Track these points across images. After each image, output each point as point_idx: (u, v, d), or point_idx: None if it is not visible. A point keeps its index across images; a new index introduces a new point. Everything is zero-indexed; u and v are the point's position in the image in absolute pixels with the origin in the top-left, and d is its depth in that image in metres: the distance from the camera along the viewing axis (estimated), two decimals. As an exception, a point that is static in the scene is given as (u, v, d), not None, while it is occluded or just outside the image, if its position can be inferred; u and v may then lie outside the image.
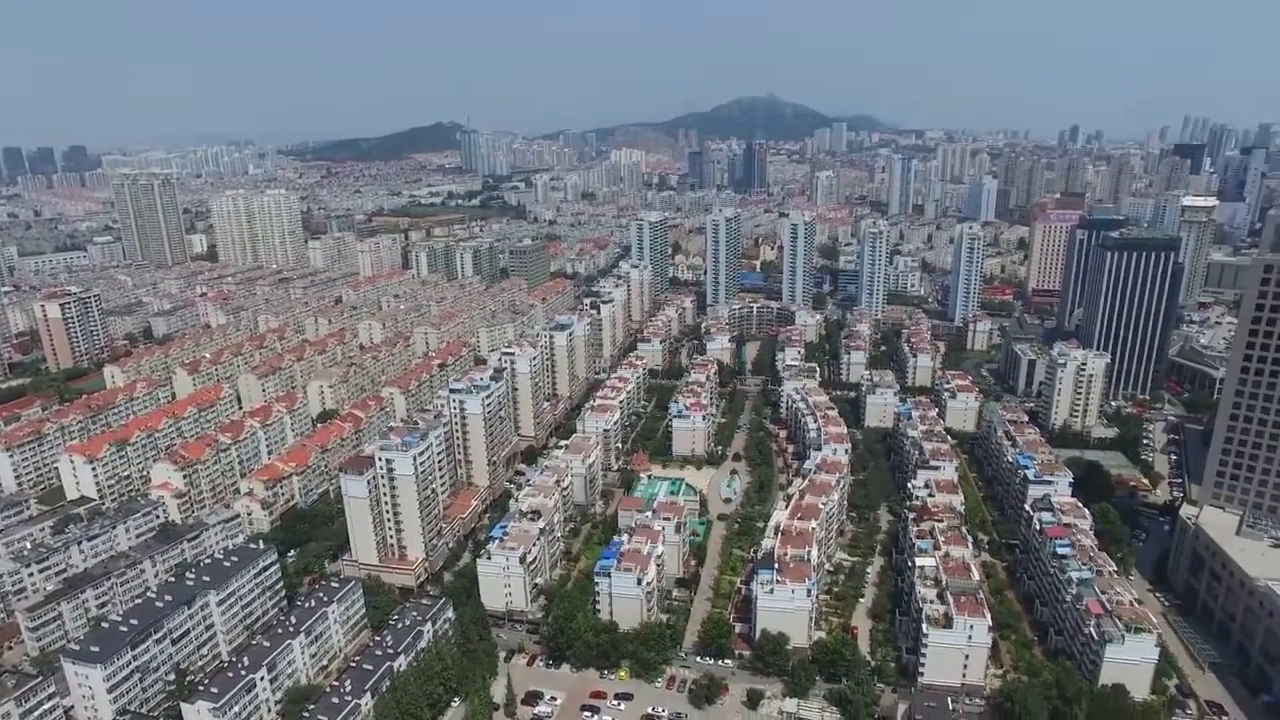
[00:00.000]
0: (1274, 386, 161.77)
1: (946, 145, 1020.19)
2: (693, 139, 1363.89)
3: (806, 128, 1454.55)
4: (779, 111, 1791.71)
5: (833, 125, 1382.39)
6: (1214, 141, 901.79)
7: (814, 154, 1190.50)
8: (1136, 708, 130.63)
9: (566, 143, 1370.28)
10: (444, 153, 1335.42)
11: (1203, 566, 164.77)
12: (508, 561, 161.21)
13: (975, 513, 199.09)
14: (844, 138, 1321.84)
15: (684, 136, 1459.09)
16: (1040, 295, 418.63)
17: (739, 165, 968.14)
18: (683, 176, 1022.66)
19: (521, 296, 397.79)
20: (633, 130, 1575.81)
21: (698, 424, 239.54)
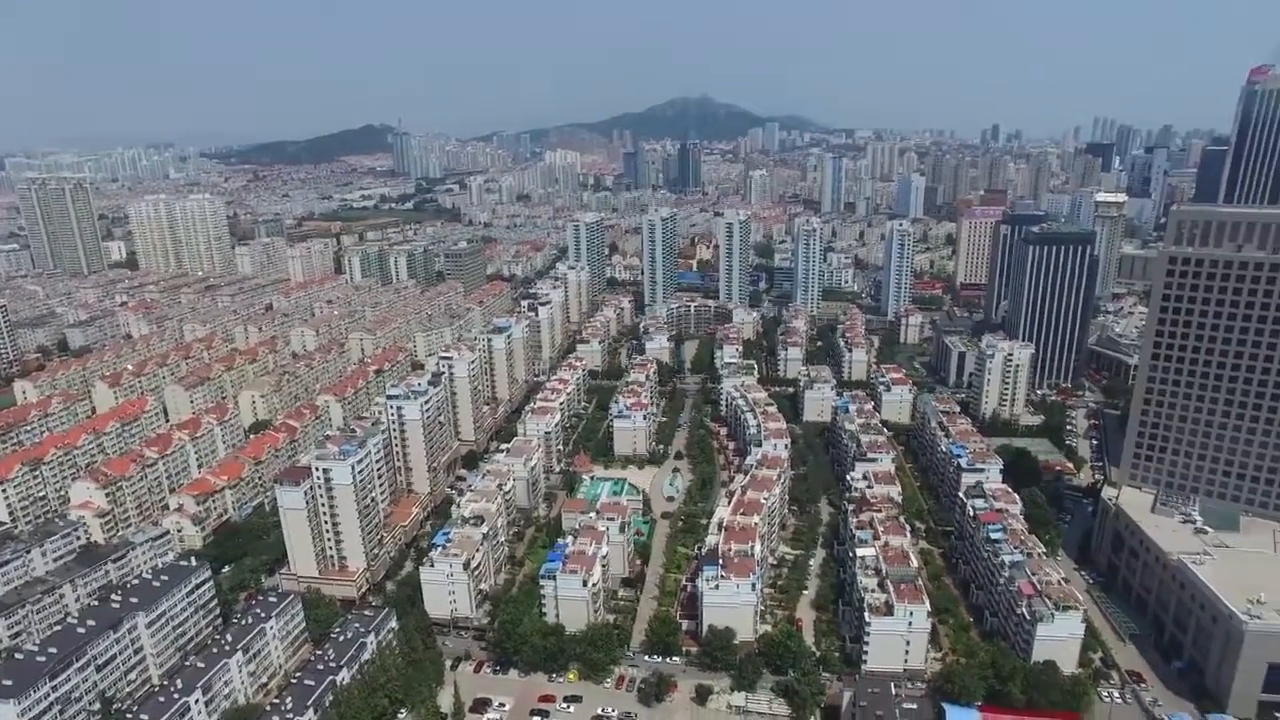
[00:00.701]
0: (1181, 372, 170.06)
1: (876, 144, 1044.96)
2: (628, 139, 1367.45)
3: (740, 128, 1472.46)
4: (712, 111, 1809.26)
5: (765, 125, 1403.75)
6: (1121, 141, 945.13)
7: (747, 154, 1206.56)
8: (1066, 682, 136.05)
9: (501, 144, 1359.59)
10: (375, 155, 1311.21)
11: (1122, 544, 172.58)
12: (451, 568, 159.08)
13: (912, 502, 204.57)
14: (776, 137, 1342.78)
15: (619, 137, 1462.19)
16: (968, 289, 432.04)
17: (674, 165, 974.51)
18: (618, 177, 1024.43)
19: (458, 300, 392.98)
20: (567, 131, 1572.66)
21: (639, 424, 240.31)
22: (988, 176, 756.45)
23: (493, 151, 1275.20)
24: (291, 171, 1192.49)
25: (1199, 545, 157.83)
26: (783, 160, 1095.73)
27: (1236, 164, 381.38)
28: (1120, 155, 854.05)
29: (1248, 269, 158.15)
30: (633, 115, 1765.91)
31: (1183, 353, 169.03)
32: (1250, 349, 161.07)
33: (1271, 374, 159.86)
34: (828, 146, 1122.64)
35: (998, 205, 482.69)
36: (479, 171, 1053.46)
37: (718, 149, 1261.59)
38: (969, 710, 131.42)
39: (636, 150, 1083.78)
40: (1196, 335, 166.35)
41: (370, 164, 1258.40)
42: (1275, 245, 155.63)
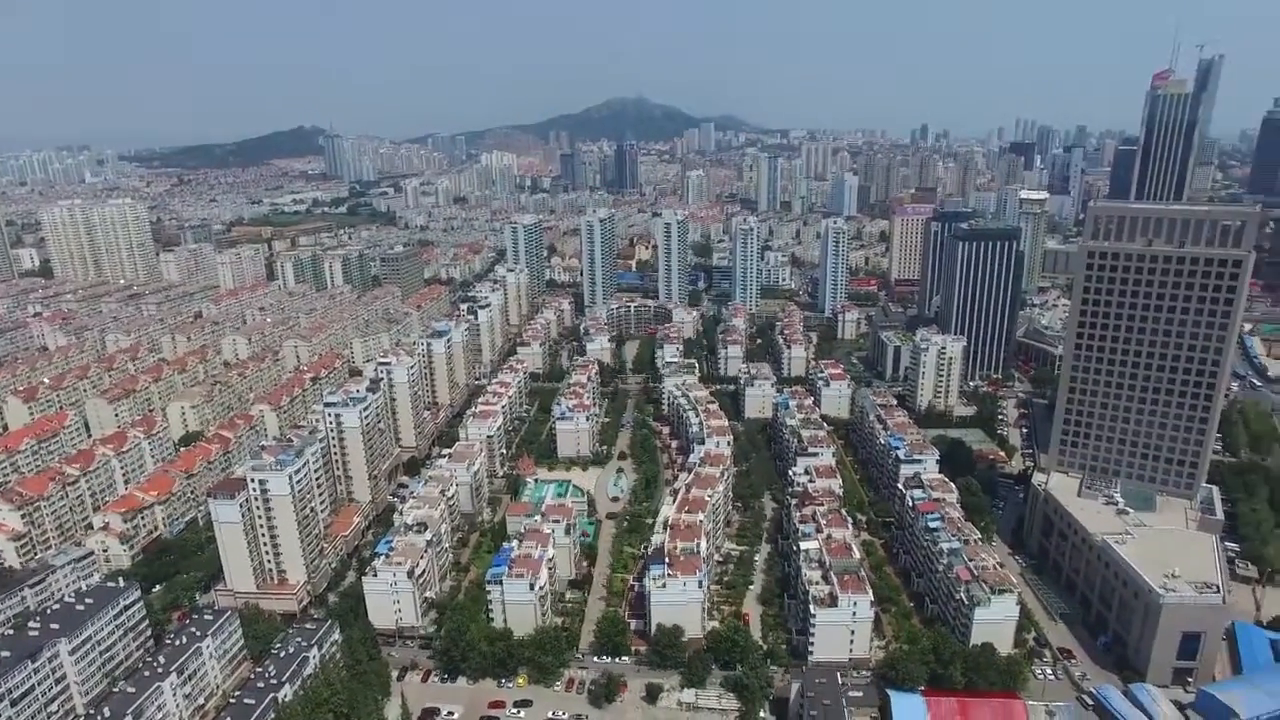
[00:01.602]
0: (1102, 361, 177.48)
1: (810, 144, 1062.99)
2: (564, 141, 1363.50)
3: (676, 128, 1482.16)
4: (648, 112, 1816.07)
5: (701, 126, 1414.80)
6: (1042, 141, 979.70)
7: (684, 154, 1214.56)
8: (1003, 662, 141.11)
9: (436, 146, 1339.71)
10: (306, 158, 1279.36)
11: (1052, 528, 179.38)
12: (395, 577, 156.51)
13: (853, 494, 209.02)
14: (712, 138, 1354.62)
15: (555, 138, 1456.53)
16: (902, 285, 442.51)
17: (611, 166, 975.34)
18: (555, 178, 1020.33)
19: (396, 304, 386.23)
20: (503, 133, 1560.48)
21: (581, 425, 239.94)
22: (918, 175, 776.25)
23: (428, 154, 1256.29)
24: (219, 175, 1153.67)
25: (1121, 526, 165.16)
26: (719, 160, 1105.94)
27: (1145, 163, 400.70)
28: (1041, 154, 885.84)
29: (1158, 262, 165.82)
30: (569, 117, 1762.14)
31: (1102, 343, 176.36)
32: (1162, 338, 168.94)
33: (1181, 361, 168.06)
34: (763, 147, 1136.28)
35: (928, 203, 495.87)
36: (414, 174, 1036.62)
37: (654, 150, 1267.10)
38: (912, 695, 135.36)
39: (573, 152, 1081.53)
40: (1115, 326, 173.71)
41: (301, 167, 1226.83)
42: (1181, 239, 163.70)
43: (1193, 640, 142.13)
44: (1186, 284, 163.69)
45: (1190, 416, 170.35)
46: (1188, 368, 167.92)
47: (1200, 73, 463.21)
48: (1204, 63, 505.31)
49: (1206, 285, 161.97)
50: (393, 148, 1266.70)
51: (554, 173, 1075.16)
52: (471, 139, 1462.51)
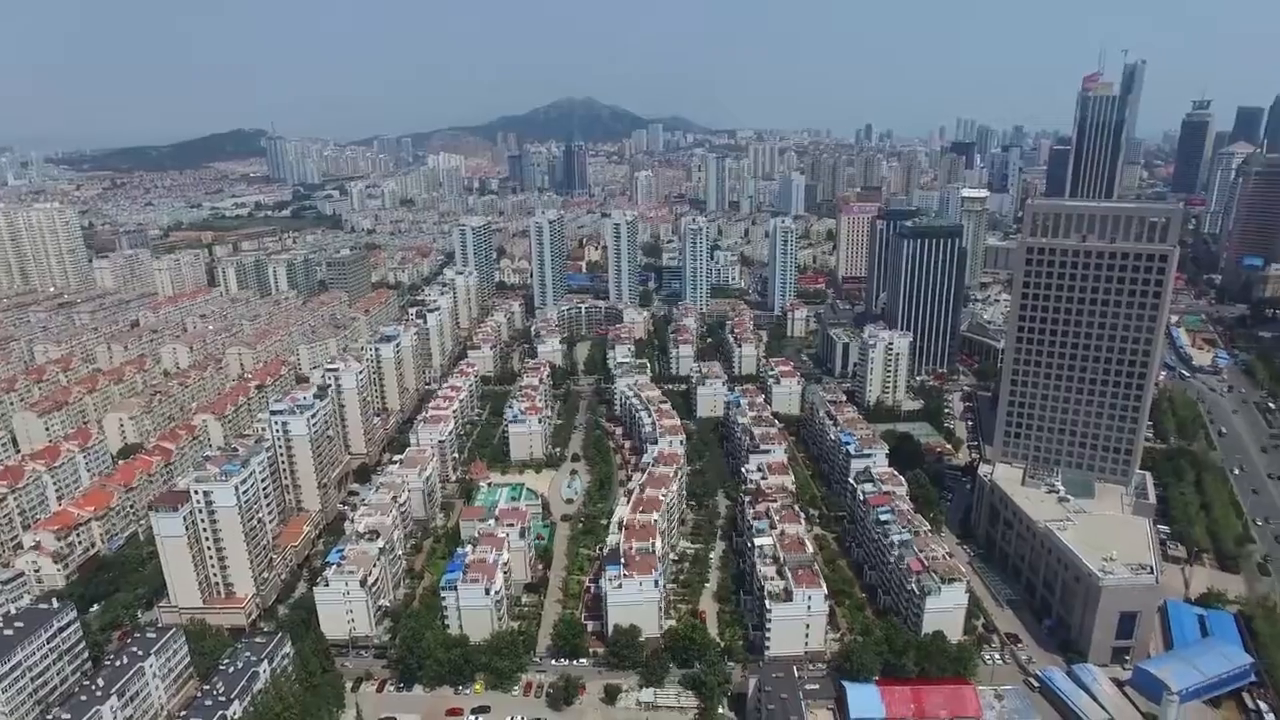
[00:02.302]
0: (1041, 353, 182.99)
1: (757, 144, 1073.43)
2: (512, 142, 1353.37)
3: (624, 129, 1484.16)
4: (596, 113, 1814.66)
5: (649, 126, 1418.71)
6: (981, 140, 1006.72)
7: (632, 155, 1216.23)
8: (953, 650, 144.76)
9: (381, 148, 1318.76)
10: (248, 161, 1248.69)
11: (998, 517, 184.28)
12: (347, 586, 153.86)
13: (805, 490, 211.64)
14: (660, 138, 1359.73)
15: (503, 140, 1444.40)
16: (849, 282, 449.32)
17: (559, 167, 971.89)
18: (504, 180, 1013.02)
19: (343, 309, 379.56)
20: (450, 134, 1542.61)
21: (534, 427, 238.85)
22: (863, 174, 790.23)
23: (373, 156, 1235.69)
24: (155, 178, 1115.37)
25: (1062, 513, 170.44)
26: (667, 161, 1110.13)
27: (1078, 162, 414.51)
28: (981, 154, 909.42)
29: (1091, 257, 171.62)
30: (516, 118, 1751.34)
31: (1042, 336, 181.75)
32: (1096, 330, 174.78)
33: (1114, 353, 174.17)
34: (710, 147, 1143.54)
35: (873, 201, 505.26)
36: (359, 177, 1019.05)
37: (603, 150, 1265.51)
38: (867, 686, 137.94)
39: (521, 153, 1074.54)
40: (1053, 320, 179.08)
41: (242, 170, 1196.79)
42: (1112, 235, 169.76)
43: (1129, 620, 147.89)
44: (1118, 278, 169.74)
45: (1124, 406, 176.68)
46: (1121, 359, 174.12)
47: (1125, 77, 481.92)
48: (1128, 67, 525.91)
49: (1136, 279, 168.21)
50: (337, 150, 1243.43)
51: (502, 174, 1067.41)
52: (418, 140, 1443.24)
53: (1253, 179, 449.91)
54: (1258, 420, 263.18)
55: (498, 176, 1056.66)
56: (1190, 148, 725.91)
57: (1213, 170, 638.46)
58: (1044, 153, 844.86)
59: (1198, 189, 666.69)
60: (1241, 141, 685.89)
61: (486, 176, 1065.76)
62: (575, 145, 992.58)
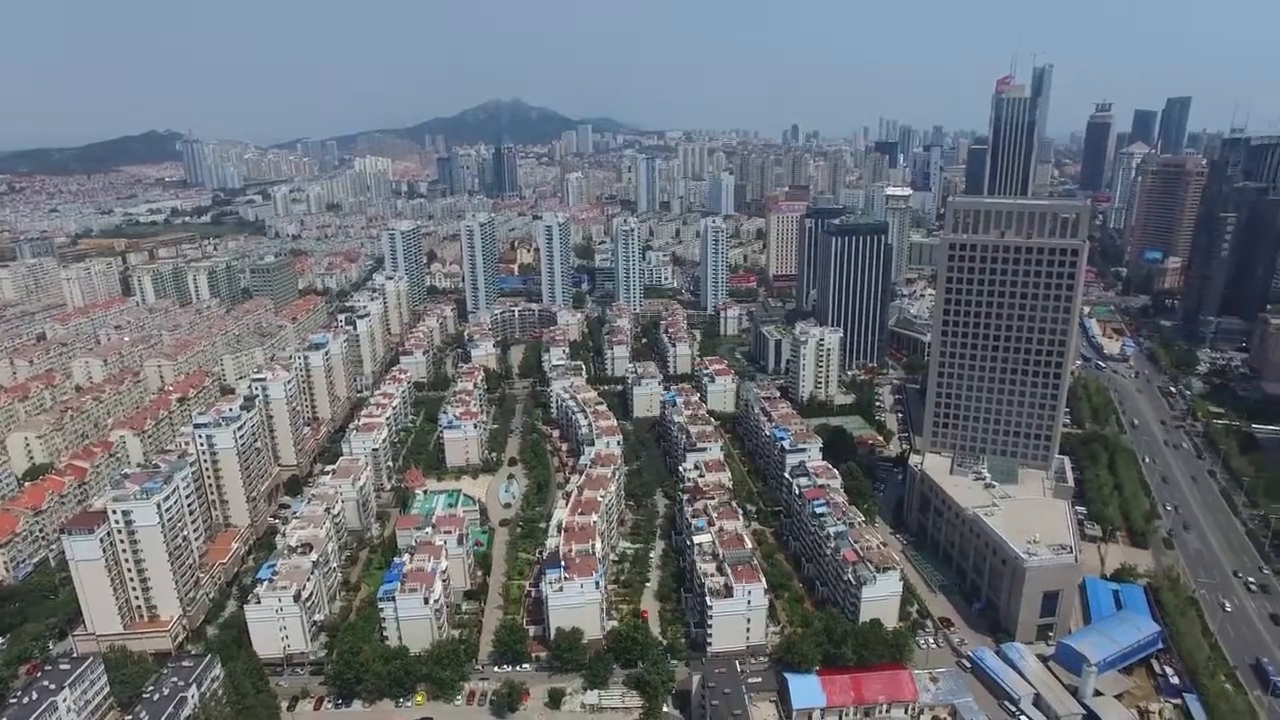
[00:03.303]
0: (965, 345, 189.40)
1: (686, 145, 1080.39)
2: (440, 144, 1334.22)
3: (553, 130, 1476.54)
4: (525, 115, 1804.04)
5: (579, 128, 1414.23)
6: (904, 140, 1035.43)
7: (563, 156, 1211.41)
8: (890, 636, 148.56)
9: (305, 152, 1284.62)
10: (162, 165, 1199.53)
11: (929, 505, 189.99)
12: (280, 602, 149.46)
13: (742, 486, 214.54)
14: (590, 139, 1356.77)
15: (431, 142, 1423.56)
16: (780, 280, 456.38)
17: (489, 170, 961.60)
18: (433, 183, 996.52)
19: (269, 317, 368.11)
20: (376, 137, 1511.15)
21: (469, 433, 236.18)
22: (791, 174, 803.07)
23: (297, 159, 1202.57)
24: (60, 183, 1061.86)
25: (989, 499, 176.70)
26: (598, 162, 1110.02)
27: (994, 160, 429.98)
28: (904, 153, 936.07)
29: (1009, 252, 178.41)
30: (444, 120, 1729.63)
31: (965, 329, 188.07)
32: (1016, 322, 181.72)
33: (1033, 343, 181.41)
34: (640, 148, 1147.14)
35: (802, 200, 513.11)
36: (283, 181, 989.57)
37: (533, 152, 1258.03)
38: (808, 676, 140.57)
39: (450, 155, 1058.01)
40: (975, 312, 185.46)
41: (157, 174, 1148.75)
42: (1028, 231, 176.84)
43: (1052, 598, 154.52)
44: (1035, 271, 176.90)
45: (1043, 394, 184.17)
46: (1039, 348, 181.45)
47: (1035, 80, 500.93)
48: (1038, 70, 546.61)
49: (1051, 272, 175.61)
50: (259, 153, 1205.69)
51: (431, 177, 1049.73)
52: (344, 143, 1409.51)
53: (1150, 177, 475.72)
54: (1161, 403, 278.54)
55: (427, 179, 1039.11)
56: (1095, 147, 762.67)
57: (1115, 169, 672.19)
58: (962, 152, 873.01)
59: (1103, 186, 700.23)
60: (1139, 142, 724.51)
61: (415, 179, 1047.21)
62: (505, 147, 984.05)
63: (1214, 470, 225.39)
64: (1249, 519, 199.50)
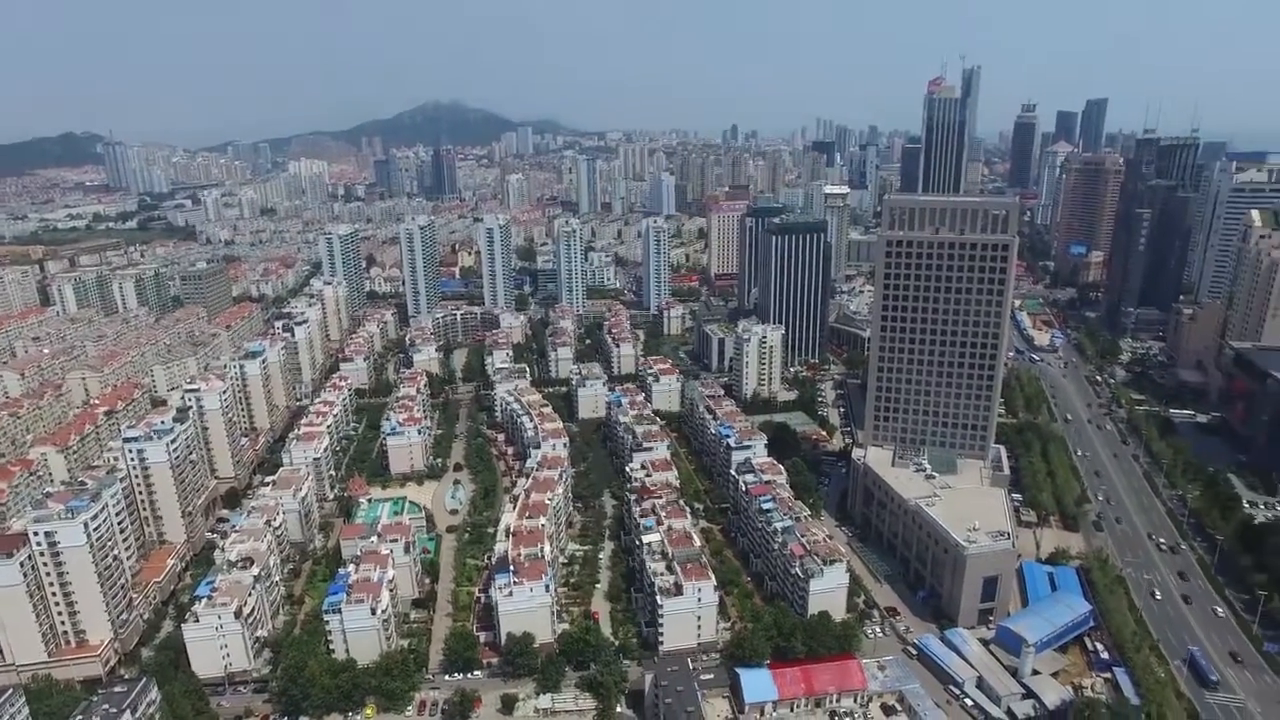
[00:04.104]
0: (903, 340, 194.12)
1: (626, 145, 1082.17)
2: (377, 147, 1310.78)
3: (493, 132, 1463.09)
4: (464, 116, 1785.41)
5: (518, 129, 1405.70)
6: (841, 139, 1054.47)
7: (503, 158, 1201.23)
8: (838, 628, 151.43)
9: (237, 155, 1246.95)
10: (82, 168, 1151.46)
11: (872, 498, 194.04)
12: (220, 619, 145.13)
13: (689, 484, 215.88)
14: (530, 141, 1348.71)
15: (368, 145, 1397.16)
16: (722, 279, 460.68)
17: (428, 172, 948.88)
18: (370, 186, 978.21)
19: (201, 326, 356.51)
20: (311, 140, 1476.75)
21: (413, 439, 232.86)
22: (731, 173, 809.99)
23: (228, 163, 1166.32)
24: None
25: (929, 489, 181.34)
26: (538, 163, 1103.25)
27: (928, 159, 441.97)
28: (840, 152, 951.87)
29: (944, 248, 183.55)
30: (381, 122, 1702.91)
31: (903, 324, 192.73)
32: (952, 316, 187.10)
33: (968, 336, 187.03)
34: (581, 149, 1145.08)
35: (742, 200, 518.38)
36: (214, 184, 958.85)
37: (472, 154, 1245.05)
38: (760, 670, 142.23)
39: (388, 158, 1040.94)
40: (913, 308, 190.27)
41: (76, 178, 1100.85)
42: (961, 227, 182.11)
43: (992, 583, 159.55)
44: (968, 266, 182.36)
45: (979, 386, 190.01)
46: (974, 342, 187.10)
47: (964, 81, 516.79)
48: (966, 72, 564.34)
49: (984, 267, 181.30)
50: (187, 156, 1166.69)
51: (368, 180, 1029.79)
52: (277, 146, 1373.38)
53: (1073, 175, 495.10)
54: (1088, 391, 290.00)
55: (364, 182, 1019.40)
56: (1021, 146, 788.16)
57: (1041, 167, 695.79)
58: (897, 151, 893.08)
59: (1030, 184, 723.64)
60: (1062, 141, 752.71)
61: (352, 183, 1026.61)
62: (444, 149, 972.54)
63: (1137, 454, 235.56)
64: (1169, 499, 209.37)
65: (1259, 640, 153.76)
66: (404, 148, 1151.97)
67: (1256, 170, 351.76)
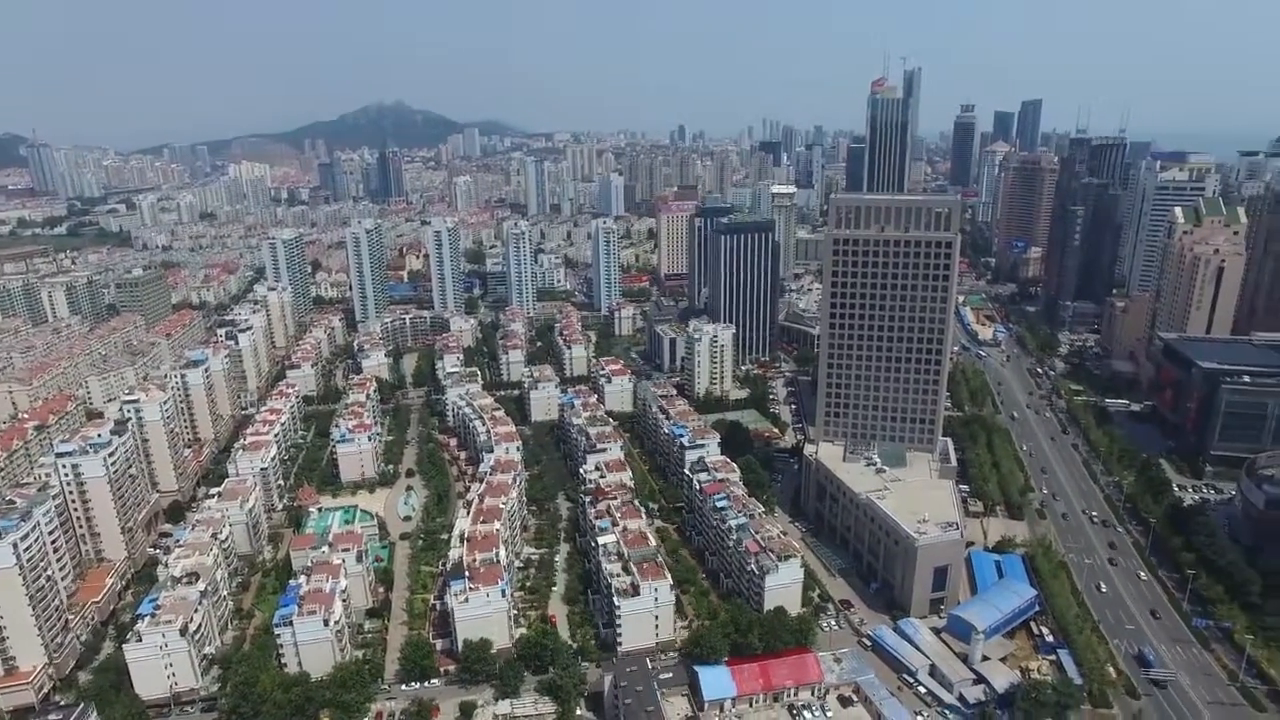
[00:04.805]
0: (852, 336, 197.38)
1: (574, 146, 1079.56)
2: (321, 149, 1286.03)
3: (439, 134, 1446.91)
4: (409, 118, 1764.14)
5: (465, 131, 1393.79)
6: (787, 139, 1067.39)
7: (450, 160, 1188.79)
8: (794, 622, 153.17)
9: (174, 158, 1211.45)
10: (4, 171, 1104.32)
11: (825, 493, 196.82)
12: (165, 637, 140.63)
13: (644, 485, 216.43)
14: (477, 142, 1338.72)
15: (311, 147, 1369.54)
16: (672, 279, 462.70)
17: (374, 175, 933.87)
18: (315, 189, 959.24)
19: (139, 335, 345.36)
20: (252, 142, 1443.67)
21: (364, 446, 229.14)
22: (679, 173, 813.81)
23: (164, 166, 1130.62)
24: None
25: (880, 483, 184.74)
26: (486, 165, 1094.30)
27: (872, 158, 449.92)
28: (787, 152, 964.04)
29: (889, 245, 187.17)
30: (325, 124, 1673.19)
31: (851, 320, 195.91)
32: (898, 312, 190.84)
33: (915, 332, 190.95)
34: (528, 150, 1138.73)
35: (690, 200, 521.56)
36: (150, 189, 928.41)
37: (419, 156, 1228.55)
38: (718, 667, 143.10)
39: (333, 160, 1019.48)
40: (860, 304, 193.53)
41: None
42: (905, 225, 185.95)
43: (942, 573, 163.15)
44: (913, 263, 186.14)
45: (926, 380, 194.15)
46: (920, 337, 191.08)
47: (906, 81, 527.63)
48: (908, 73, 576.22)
49: (928, 264, 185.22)
50: (120, 160, 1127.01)
51: (313, 183, 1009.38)
52: (215, 149, 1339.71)
53: (1011, 173, 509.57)
54: (1030, 383, 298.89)
55: (308, 186, 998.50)
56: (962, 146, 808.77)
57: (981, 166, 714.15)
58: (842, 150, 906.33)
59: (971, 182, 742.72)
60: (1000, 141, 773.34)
61: (296, 186, 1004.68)
62: (389, 151, 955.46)
63: (1076, 443, 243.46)
64: (1106, 485, 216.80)
65: (1188, 617, 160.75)
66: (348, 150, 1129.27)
67: (1179, 170, 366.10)
